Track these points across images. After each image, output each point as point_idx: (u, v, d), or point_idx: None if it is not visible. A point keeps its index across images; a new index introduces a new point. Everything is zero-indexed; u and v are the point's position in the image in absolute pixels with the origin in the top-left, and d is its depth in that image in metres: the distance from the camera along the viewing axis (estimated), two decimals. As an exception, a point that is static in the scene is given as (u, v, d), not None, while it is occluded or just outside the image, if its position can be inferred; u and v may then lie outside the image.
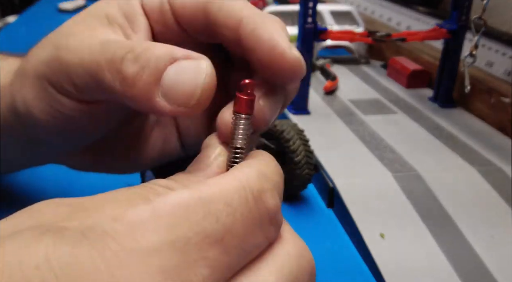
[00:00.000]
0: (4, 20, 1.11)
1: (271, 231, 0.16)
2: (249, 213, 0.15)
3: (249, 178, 0.16)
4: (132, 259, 0.13)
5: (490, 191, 0.40)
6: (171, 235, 0.14)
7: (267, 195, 0.16)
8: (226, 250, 0.15)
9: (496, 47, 0.57)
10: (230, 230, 0.15)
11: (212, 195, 0.15)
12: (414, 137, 0.49)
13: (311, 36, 0.50)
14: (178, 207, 0.14)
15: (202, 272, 0.14)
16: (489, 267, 0.32)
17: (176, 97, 0.18)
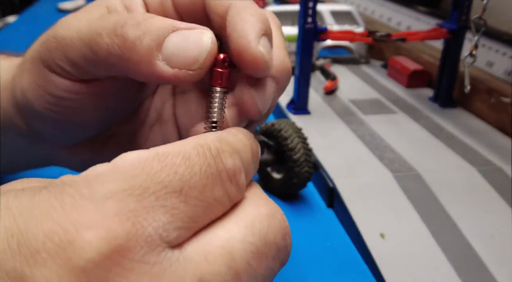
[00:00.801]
0: (4, 20, 1.11)
1: (233, 190, 0.16)
2: (207, 167, 0.16)
3: (207, 139, 0.16)
4: (89, 202, 0.14)
5: (490, 191, 0.40)
6: (128, 184, 0.14)
7: (225, 154, 0.16)
8: (185, 199, 0.15)
9: (496, 47, 0.57)
10: (188, 181, 0.15)
11: (170, 150, 0.15)
12: (414, 137, 0.49)
13: (311, 36, 0.50)
14: (136, 161, 0.15)
15: (162, 218, 0.14)
16: (489, 267, 0.32)
17: (178, 61, 0.18)
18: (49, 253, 0.13)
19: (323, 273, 0.33)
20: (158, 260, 0.14)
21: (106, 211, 0.13)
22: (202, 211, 0.15)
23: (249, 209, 0.17)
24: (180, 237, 0.15)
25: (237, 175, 0.17)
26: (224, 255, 0.15)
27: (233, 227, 0.16)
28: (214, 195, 0.16)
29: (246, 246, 0.15)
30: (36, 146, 0.26)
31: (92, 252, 0.13)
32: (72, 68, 0.20)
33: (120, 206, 0.14)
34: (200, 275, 0.14)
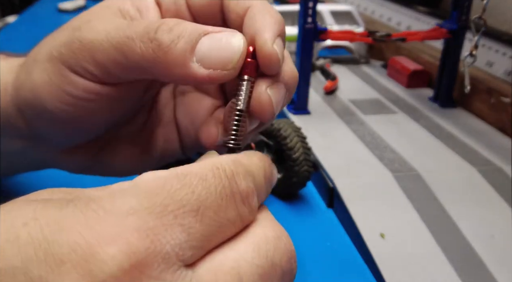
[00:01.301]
0: (4, 20, 1.11)
1: (245, 211, 0.17)
2: (222, 188, 0.16)
3: (223, 161, 0.17)
4: (111, 218, 0.14)
5: (490, 191, 0.40)
6: (149, 202, 0.15)
7: (240, 176, 0.17)
8: (201, 219, 0.15)
9: (496, 47, 0.57)
10: (204, 201, 0.15)
11: (188, 171, 0.16)
12: (414, 137, 0.49)
13: (311, 36, 0.50)
14: (157, 180, 0.15)
15: (179, 237, 0.15)
16: (489, 267, 0.32)
17: (212, 62, 0.19)
18: (73, 264, 0.13)
19: (323, 273, 0.33)
20: (173, 278, 0.14)
21: (127, 226, 0.14)
22: (215, 230, 0.16)
23: (257, 231, 0.17)
24: (194, 256, 0.15)
25: (250, 197, 0.17)
26: (234, 275, 0.15)
27: (242, 249, 0.16)
28: (227, 216, 0.16)
29: (253, 268, 0.16)
30: (34, 148, 0.26)
31: (113, 265, 0.13)
32: (99, 71, 0.21)
33: (140, 222, 0.14)
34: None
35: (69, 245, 0.13)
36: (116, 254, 0.13)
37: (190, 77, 0.19)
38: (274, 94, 0.20)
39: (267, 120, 0.21)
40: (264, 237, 0.17)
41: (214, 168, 0.17)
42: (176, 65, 0.19)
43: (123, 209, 0.14)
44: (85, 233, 0.14)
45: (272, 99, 0.20)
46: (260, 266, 0.16)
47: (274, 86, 0.20)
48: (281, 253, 0.17)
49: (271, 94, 0.20)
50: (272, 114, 0.20)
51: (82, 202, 0.14)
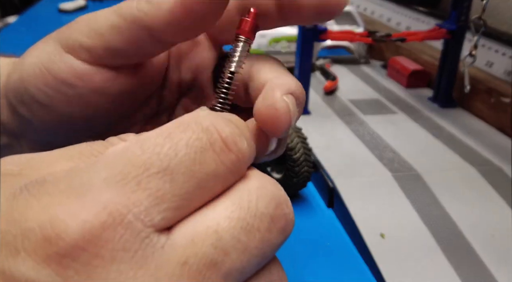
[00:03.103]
0: (5, 20, 1.11)
1: (231, 158, 0.15)
2: (195, 140, 0.15)
3: (199, 114, 0.16)
4: (65, 197, 0.13)
5: (490, 191, 0.40)
6: (107, 173, 0.14)
7: (221, 124, 0.15)
8: (171, 179, 0.14)
9: (495, 47, 0.57)
10: (173, 159, 0.14)
11: (151, 134, 0.15)
12: (414, 137, 0.49)
13: (311, 36, 0.50)
14: (118, 150, 0.14)
15: (144, 203, 0.14)
16: (489, 267, 0.32)
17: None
18: (27, 252, 0.13)
19: (323, 273, 0.33)
20: (140, 247, 0.13)
21: (83, 203, 0.13)
22: (193, 187, 0.14)
23: (240, 185, 0.16)
24: (168, 218, 0.14)
25: (238, 142, 0.16)
26: (210, 234, 0.14)
27: (221, 205, 0.15)
28: (205, 169, 0.15)
29: (233, 222, 0.15)
30: (19, 145, 0.25)
31: (68, 246, 0.13)
32: (95, 42, 0.20)
33: (97, 196, 0.13)
34: (184, 260, 0.14)
35: (22, 234, 0.13)
36: (70, 234, 0.13)
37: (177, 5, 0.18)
38: (291, 102, 0.18)
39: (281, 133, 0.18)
40: (246, 189, 0.16)
41: (184, 123, 0.15)
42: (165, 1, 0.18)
43: (78, 186, 0.13)
44: (37, 218, 0.13)
45: (290, 107, 0.18)
46: (241, 218, 0.15)
47: (289, 96, 0.19)
48: (267, 200, 0.16)
49: (288, 102, 0.18)
50: (289, 124, 0.18)
51: (36, 186, 0.14)
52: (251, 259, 0.15)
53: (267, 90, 0.18)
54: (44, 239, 0.13)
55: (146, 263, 0.13)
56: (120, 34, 0.19)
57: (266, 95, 0.18)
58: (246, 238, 0.15)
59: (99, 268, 0.13)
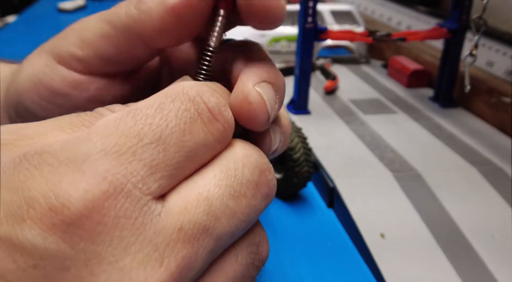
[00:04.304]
0: (4, 20, 1.11)
1: (218, 127, 0.16)
2: (184, 111, 0.15)
3: (185, 85, 0.16)
4: (66, 168, 0.14)
5: (490, 191, 0.40)
6: (103, 144, 0.14)
7: (206, 94, 0.16)
8: (164, 148, 0.15)
9: (496, 46, 0.57)
10: (164, 130, 0.15)
11: (143, 104, 0.15)
12: (414, 137, 0.49)
13: (311, 36, 0.50)
14: (110, 121, 0.15)
15: (140, 172, 0.14)
16: (490, 267, 0.32)
17: None
18: (33, 220, 0.13)
19: (323, 273, 0.33)
20: (140, 214, 0.14)
21: (83, 174, 0.14)
22: (184, 156, 0.15)
23: (227, 153, 0.17)
24: (163, 187, 0.15)
25: (224, 111, 0.16)
26: (202, 201, 0.15)
27: (209, 172, 0.16)
28: (195, 139, 0.15)
29: (222, 189, 0.16)
30: None
31: (73, 215, 0.13)
32: (87, 52, 0.20)
33: (96, 166, 0.14)
34: (180, 226, 0.15)
35: (27, 203, 0.13)
36: (74, 203, 0.13)
37: (168, 11, 0.18)
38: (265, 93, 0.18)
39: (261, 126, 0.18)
40: (232, 157, 0.17)
41: (172, 93, 0.16)
42: (154, 7, 0.18)
43: (77, 157, 0.14)
44: (41, 188, 0.13)
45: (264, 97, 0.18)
46: (228, 185, 0.16)
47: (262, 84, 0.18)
48: (252, 168, 0.17)
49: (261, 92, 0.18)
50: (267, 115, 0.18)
51: (35, 156, 0.14)
52: (239, 223, 0.16)
53: (239, 83, 0.18)
54: (49, 208, 0.13)
55: (145, 229, 0.14)
56: (111, 42, 0.20)
57: (238, 88, 0.18)
58: (234, 204, 0.16)
59: (102, 234, 0.14)
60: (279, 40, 0.72)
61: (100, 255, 0.14)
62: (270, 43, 0.73)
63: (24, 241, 0.13)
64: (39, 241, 0.13)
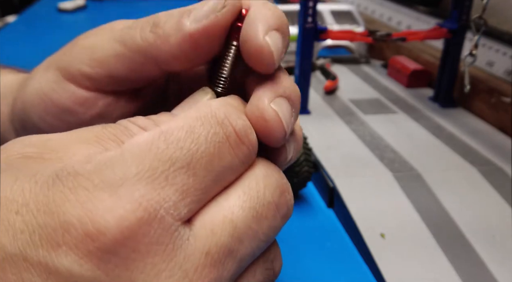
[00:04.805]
0: (4, 19, 1.11)
1: (243, 150, 0.16)
2: (213, 135, 0.16)
3: (212, 107, 0.16)
4: (102, 193, 0.14)
5: (491, 191, 0.40)
6: (137, 168, 0.14)
7: (233, 116, 0.16)
8: (194, 173, 0.15)
9: (496, 46, 0.57)
10: (195, 154, 0.15)
11: (174, 126, 0.16)
12: (414, 137, 0.49)
13: (311, 36, 0.50)
14: (143, 143, 0.15)
15: (172, 198, 0.14)
16: (490, 267, 0.32)
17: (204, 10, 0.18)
18: (69, 246, 0.13)
19: (323, 273, 0.33)
20: (171, 240, 0.14)
21: (118, 199, 0.14)
22: (212, 181, 0.15)
23: (247, 174, 0.17)
24: (191, 211, 0.15)
25: (249, 134, 0.17)
26: (227, 224, 0.15)
27: (233, 194, 0.16)
28: (223, 163, 0.16)
29: (246, 211, 0.16)
30: None
31: (108, 242, 0.13)
32: (97, 71, 0.20)
33: (131, 192, 0.14)
34: (207, 250, 0.15)
35: (62, 227, 0.13)
36: (110, 229, 0.13)
37: (186, 39, 0.18)
38: (280, 110, 0.17)
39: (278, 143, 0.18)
40: (254, 177, 0.17)
41: (201, 116, 0.16)
42: (172, 33, 0.18)
43: (112, 181, 0.14)
44: (77, 213, 0.13)
45: (280, 115, 0.17)
46: (252, 207, 0.16)
47: (278, 101, 0.18)
48: (272, 189, 0.17)
49: (277, 110, 0.17)
50: (284, 134, 0.18)
51: (69, 178, 0.14)
52: (260, 244, 0.16)
53: (254, 98, 0.18)
54: (85, 234, 0.13)
55: (175, 255, 0.14)
56: (123, 63, 0.19)
57: (253, 104, 0.18)
58: (256, 226, 0.16)
59: (136, 261, 0.14)
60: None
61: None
62: (270, 43, 0.72)
63: (60, 267, 0.13)
64: (75, 267, 0.13)
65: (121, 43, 0.19)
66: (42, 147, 0.16)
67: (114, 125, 0.17)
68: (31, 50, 0.84)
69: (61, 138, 0.16)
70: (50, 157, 0.15)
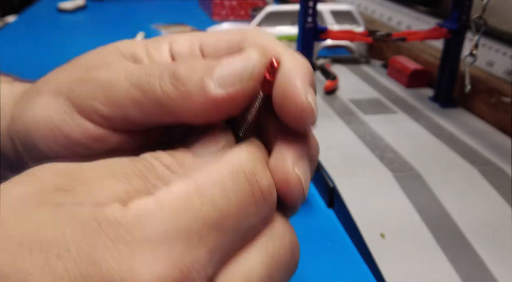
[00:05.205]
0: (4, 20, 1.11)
1: (265, 210, 0.17)
2: (243, 194, 0.16)
3: (241, 161, 0.17)
4: (143, 249, 0.14)
5: (491, 191, 0.40)
6: (175, 226, 0.15)
7: (260, 175, 0.17)
8: (223, 232, 0.15)
9: (496, 46, 0.57)
10: (226, 214, 0.16)
11: (208, 182, 0.16)
12: (414, 137, 0.49)
13: (311, 35, 0.50)
14: (180, 199, 0.15)
15: (203, 258, 0.15)
16: (490, 267, 0.32)
17: (229, 78, 0.18)
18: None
19: (323, 273, 0.33)
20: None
21: (158, 258, 0.14)
22: (237, 240, 0.16)
23: (265, 232, 0.17)
24: (216, 271, 0.16)
25: (273, 193, 0.17)
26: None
27: (252, 253, 0.17)
28: (248, 222, 0.16)
29: (262, 271, 0.16)
30: None
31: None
32: (112, 112, 0.19)
33: (170, 251, 0.14)
34: None
35: (103, 280, 0.14)
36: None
37: (209, 102, 0.18)
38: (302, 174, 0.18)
39: (296, 205, 0.19)
40: (271, 237, 0.17)
41: (233, 171, 0.16)
42: (195, 92, 0.18)
43: (152, 237, 0.14)
44: (118, 267, 0.14)
45: (302, 181, 0.18)
46: (268, 267, 0.17)
47: (302, 164, 0.18)
48: (286, 250, 0.18)
49: (301, 175, 0.18)
50: (302, 197, 0.18)
51: (111, 228, 0.14)
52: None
53: (279, 158, 0.18)
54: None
55: None
56: (140, 109, 0.19)
57: (278, 166, 0.18)
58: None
59: None
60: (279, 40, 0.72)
61: None
62: (270, 43, 0.72)
63: None
64: None
65: (139, 90, 0.19)
66: (75, 179, 0.16)
67: (140, 161, 0.17)
68: (31, 50, 0.84)
69: (91, 170, 0.16)
70: (82, 190, 0.16)
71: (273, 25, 0.75)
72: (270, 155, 0.19)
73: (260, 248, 0.17)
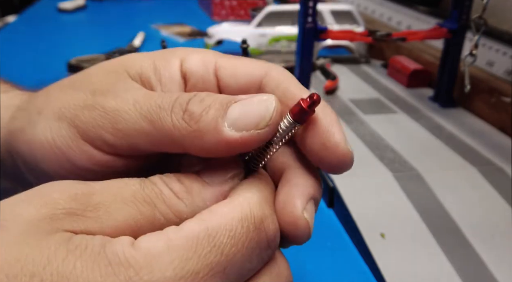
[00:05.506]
0: (4, 20, 1.11)
1: (268, 255, 0.17)
2: (249, 242, 0.16)
3: (251, 206, 0.17)
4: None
5: (491, 191, 0.40)
6: (183, 270, 0.15)
7: (268, 221, 0.17)
8: (227, 276, 0.16)
9: (496, 46, 0.57)
10: (232, 259, 0.16)
11: (218, 226, 0.16)
12: (414, 137, 0.49)
13: (311, 35, 0.50)
14: (190, 240, 0.16)
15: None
16: (490, 267, 0.32)
17: (244, 122, 0.18)
18: None
19: (323, 273, 0.33)
20: None
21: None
22: (238, 281, 0.17)
23: (263, 271, 0.18)
24: None
25: (277, 238, 0.18)
26: None
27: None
28: (251, 266, 0.17)
29: None
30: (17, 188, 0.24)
31: None
32: (119, 142, 0.19)
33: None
34: None
35: None
36: None
37: (222, 142, 0.17)
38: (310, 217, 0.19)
39: (301, 243, 0.20)
40: (269, 276, 0.18)
41: (242, 218, 0.17)
42: (208, 132, 0.17)
43: (160, 280, 0.15)
44: None
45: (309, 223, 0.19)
46: None
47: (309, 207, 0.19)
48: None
49: (308, 219, 0.19)
50: (308, 236, 0.19)
51: (121, 268, 0.15)
52: None
53: (289, 201, 0.19)
54: None
55: None
56: (149, 140, 0.19)
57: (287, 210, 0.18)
58: None
59: None
60: (279, 40, 0.72)
61: None
62: (270, 43, 0.72)
63: None
64: None
65: (148, 122, 0.18)
66: (85, 203, 0.16)
67: (149, 186, 0.17)
68: (31, 50, 0.84)
69: (101, 193, 0.17)
70: (92, 216, 0.16)
71: (273, 25, 0.75)
72: (277, 191, 0.19)
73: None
